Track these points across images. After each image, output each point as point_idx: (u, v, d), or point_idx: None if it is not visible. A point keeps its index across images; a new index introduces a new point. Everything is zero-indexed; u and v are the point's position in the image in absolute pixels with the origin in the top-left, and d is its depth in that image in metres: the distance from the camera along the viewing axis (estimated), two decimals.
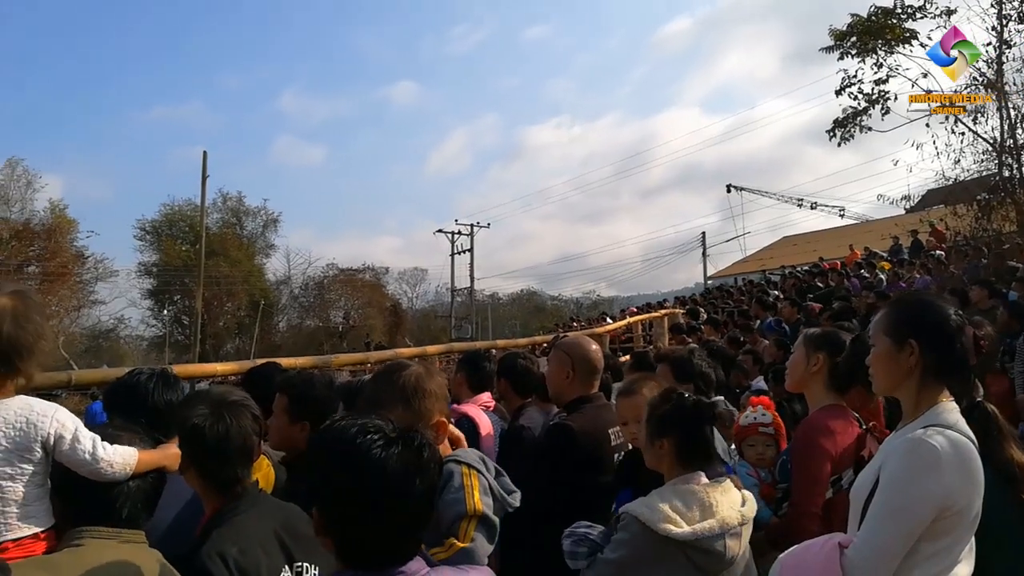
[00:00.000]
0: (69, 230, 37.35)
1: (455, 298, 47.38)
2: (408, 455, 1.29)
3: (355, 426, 1.31)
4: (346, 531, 1.29)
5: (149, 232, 45.14)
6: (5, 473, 1.67)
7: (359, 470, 1.26)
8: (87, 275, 38.99)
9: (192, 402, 1.87)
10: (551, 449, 2.92)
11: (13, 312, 1.75)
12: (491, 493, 1.99)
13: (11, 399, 1.73)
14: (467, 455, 2.02)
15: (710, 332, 10.36)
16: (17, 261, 34.68)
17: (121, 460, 1.67)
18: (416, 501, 1.29)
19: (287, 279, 50.09)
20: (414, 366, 2.06)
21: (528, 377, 3.67)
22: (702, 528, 2.13)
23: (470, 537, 1.86)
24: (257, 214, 48.37)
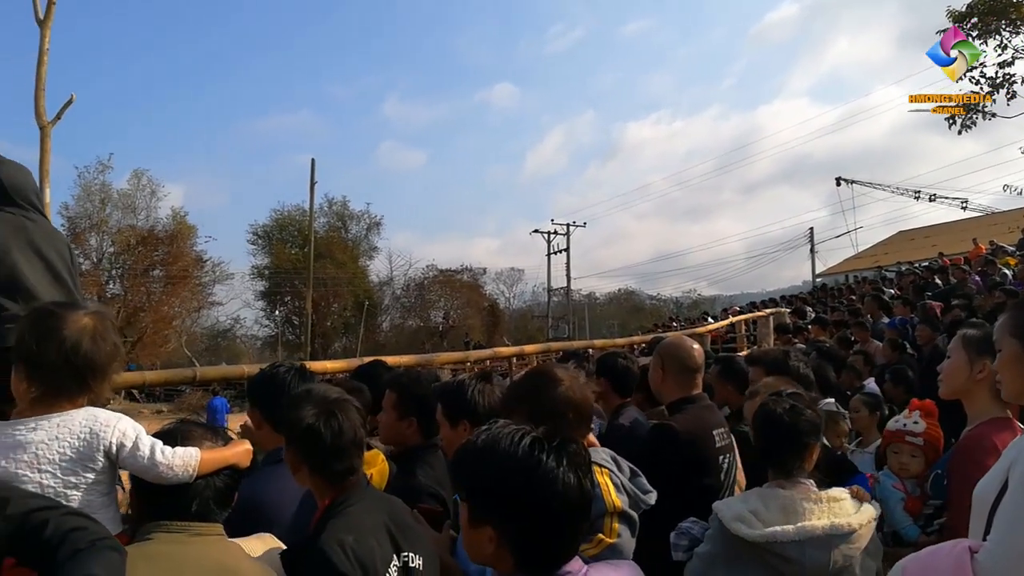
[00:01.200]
0: (189, 236, 39.87)
1: (552, 298, 47.43)
2: (575, 462, 1.36)
3: (515, 437, 1.36)
4: (527, 542, 1.34)
5: (261, 236, 47.36)
6: (70, 483, 1.69)
7: (542, 486, 1.32)
8: (206, 278, 41.47)
9: (299, 403, 1.92)
10: (653, 450, 2.89)
11: (93, 331, 1.77)
12: (624, 490, 2.03)
13: (77, 411, 1.75)
14: (597, 454, 2.06)
15: (818, 332, 9.92)
16: (143, 265, 37.27)
17: (181, 463, 1.68)
18: (587, 503, 1.39)
19: (389, 280, 51.58)
20: (567, 379, 2.10)
21: (628, 376, 3.63)
22: (774, 532, 2.09)
23: (616, 532, 1.93)
24: (361, 218, 50.02)
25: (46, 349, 1.71)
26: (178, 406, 28.16)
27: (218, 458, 1.75)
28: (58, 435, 1.69)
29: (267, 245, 47.13)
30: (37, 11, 7.22)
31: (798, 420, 2.29)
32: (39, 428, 1.69)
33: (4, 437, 1.68)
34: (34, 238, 2.97)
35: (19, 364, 1.75)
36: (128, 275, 37.08)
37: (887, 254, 36.33)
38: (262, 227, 47.40)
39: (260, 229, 47.36)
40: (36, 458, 1.65)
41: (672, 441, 2.79)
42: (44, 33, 7.17)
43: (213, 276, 41.99)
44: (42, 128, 7.03)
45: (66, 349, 1.71)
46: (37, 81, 7.10)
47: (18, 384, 1.74)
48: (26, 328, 1.77)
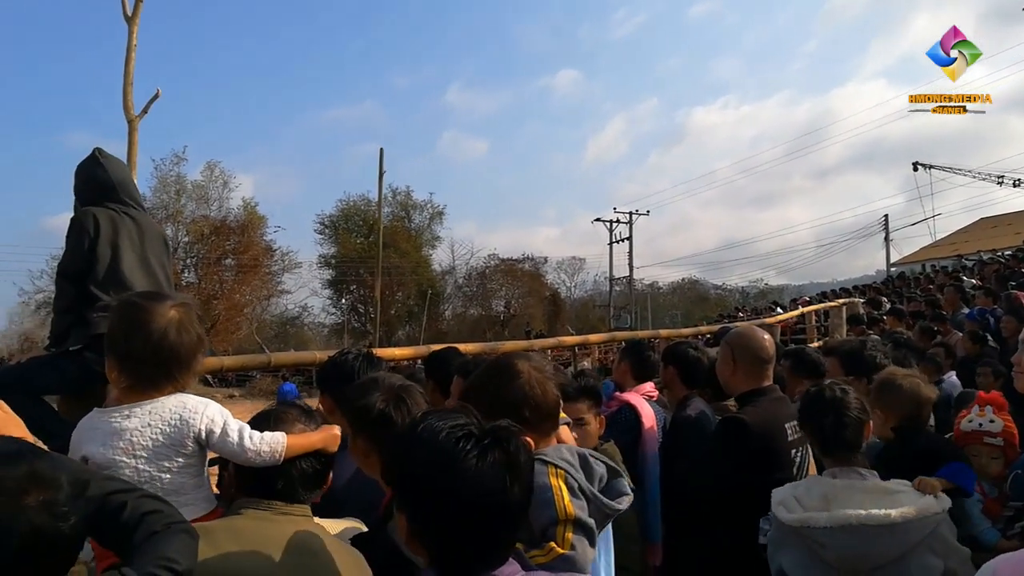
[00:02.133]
0: (259, 226, 41.08)
1: (614, 287, 47.09)
2: (505, 461, 1.25)
3: (447, 429, 1.26)
4: (438, 539, 1.26)
5: (328, 226, 48.25)
6: (163, 467, 1.75)
7: (455, 481, 1.21)
8: (275, 267, 42.61)
9: (366, 391, 1.92)
10: (722, 444, 2.84)
11: (178, 323, 1.81)
12: (583, 494, 1.83)
13: (167, 398, 1.80)
14: (553, 453, 1.86)
15: (894, 323, 9.54)
16: (216, 254, 38.54)
17: (268, 448, 1.72)
18: (512, 507, 1.26)
19: (452, 269, 51.98)
20: (526, 372, 1.90)
21: (698, 367, 3.57)
22: (807, 517, 2.12)
23: (569, 543, 1.70)
24: (424, 207, 50.50)
25: (134, 342, 1.76)
26: (249, 391, 29.10)
27: (305, 442, 1.77)
28: (150, 422, 1.75)
29: (333, 235, 48.03)
30: (125, 8, 7.45)
31: (844, 408, 2.32)
32: (132, 416, 1.76)
33: (101, 424, 1.77)
34: (134, 232, 3.13)
35: (110, 355, 1.81)
36: (202, 264, 38.43)
37: (967, 242, 34.75)
38: (329, 217, 48.37)
39: (327, 219, 48.34)
40: (131, 444, 1.73)
41: (742, 435, 2.74)
42: (132, 29, 7.39)
43: (282, 265, 43.16)
44: (130, 122, 7.26)
45: (153, 342, 1.76)
46: (125, 76, 7.32)
47: (110, 373, 1.81)
48: (115, 321, 1.83)
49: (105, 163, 3.21)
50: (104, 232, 3.01)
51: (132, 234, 3.11)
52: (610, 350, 9.48)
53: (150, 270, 3.15)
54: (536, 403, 1.86)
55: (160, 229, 3.47)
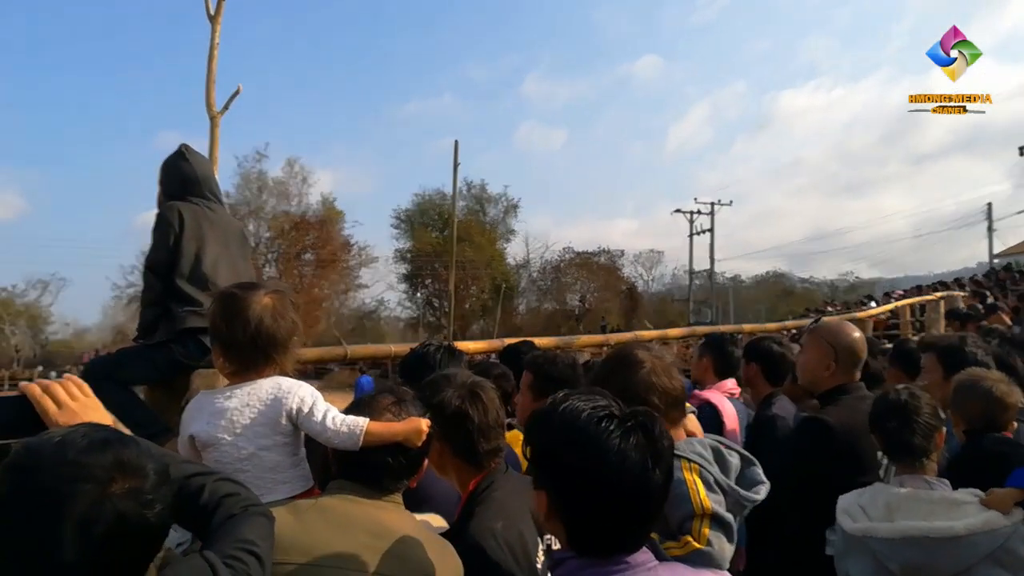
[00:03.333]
0: (337, 221, 42.24)
1: (693, 281, 46.24)
2: (647, 444, 1.25)
3: (589, 409, 1.28)
4: (577, 518, 1.27)
5: (403, 221, 49.07)
6: (262, 444, 1.85)
7: (598, 460, 1.22)
8: (352, 261, 43.77)
9: (441, 387, 1.93)
10: (802, 444, 2.71)
11: (273, 309, 1.91)
12: (720, 488, 1.81)
13: (264, 380, 1.91)
14: (686, 447, 1.85)
15: (996, 319, 9.02)
16: (296, 249, 39.81)
17: (347, 431, 1.75)
18: (653, 491, 1.25)
19: (526, 263, 52.11)
20: (649, 361, 1.92)
21: (783, 364, 3.43)
22: (870, 527, 2.07)
23: (706, 538, 1.69)
24: (498, 201, 50.72)
25: (234, 329, 1.87)
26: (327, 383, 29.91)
27: (385, 431, 1.77)
28: (248, 402, 1.87)
29: (409, 229, 48.82)
30: (208, 7, 7.75)
31: (913, 413, 2.27)
32: (233, 396, 1.88)
33: (206, 404, 1.90)
34: (217, 227, 3.22)
35: (215, 344, 1.94)
36: (282, 259, 39.77)
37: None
38: (404, 211, 49.19)
39: (403, 213, 49.16)
40: (231, 423, 1.85)
41: (823, 436, 2.61)
42: (214, 28, 7.68)
43: (359, 260, 44.33)
44: (212, 118, 7.56)
45: (251, 328, 1.87)
46: (208, 73, 7.61)
47: (216, 360, 1.95)
48: (217, 311, 1.93)
49: (190, 158, 3.31)
50: (189, 226, 3.10)
51: (215, 228, 3.20)
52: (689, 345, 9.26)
53: (233, 263, 3.24)
54: (664, 390, 1.87)
55: (239, 224, 3.57)
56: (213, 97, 7.55)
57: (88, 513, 0.94)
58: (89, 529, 0.94)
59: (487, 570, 1.66)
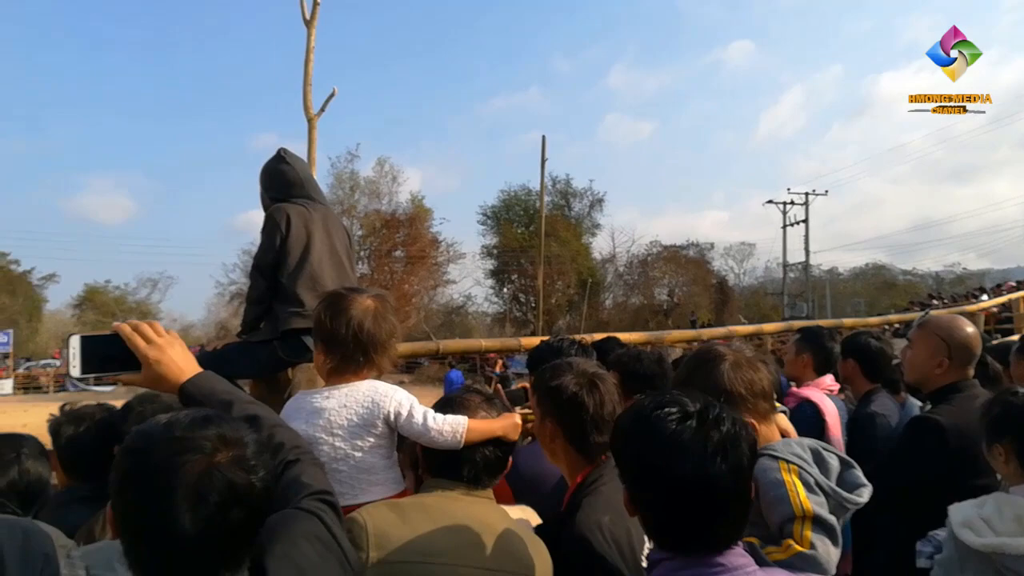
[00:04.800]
0: (426, 218, 42.98)
1: (788, 274, 44.73)
2: (725, 441, 1.25)
3: (652, 401, 1.31)
4: (653, 510, 1.29)
5: (489, 217, 49.33)
6: (356, 445, 1.90)
7: (654, 445, 1.26)
8: (441, 258, 44.41)
9: (560, 373, 1.93)
10: (912, 445, 2.60)
11: (374, 312, 1.98)
12: (821, 490, 1.74)
13: (361, 382, 1.97)
14: (783, 448, 1.79)
15: None
16: (387, 247, 40.82)
17: (450, 429, 1.80)
18: (720, 481, 1.23)
19: (612, 257, 51.55)
20: (730, 355, 1.88)
21: (881, 359, 3.30)
22: (1001, 543, 1.91)
23: (808, 541, 1.64)
24: (584, 195, 50.29)
25: (338, 326, 1.94)
26: (418, 376, 30.62)
27: (485, 428, 1.84)
28: (346, 403, 1.92)
29: (495, 225, 49.10)
30: (304, 12, 8.03)
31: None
32: (331, 397, 1.94)
33: (304, 404, 1.96)
34: (322, 226, 3.37)
35: (317, 340, 2.01)
36: (374, 256, 40.82)
37: None
38: (490, 208, 49.46)
39: (489, 210, 49.43)
40: (329, 423, 1.91)
41: (935, 436, 2.51)
42: (310, 32, 7.95)
43: (447, 256, 44.93)
44: (309, 120, 7.84)
45: (353, 326, 1.94)
46: (305, 77, 7.89)
47: (318, 357, 2.02)
48: (322, 310, 2.00)
49: (290, 161, 3.45)
50: (295, 227, 3.24)
51: (320, 228, 3.33)
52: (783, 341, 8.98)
53: (337, 262, 3.37)
54: (748, 382, 1.83)
55: (343, 223, 3.69)
56: (310, 100, 7.83)
57: (199, 482, 1.01)
58: (202, 497, 1.01)
59: (591, 563, 1.66)
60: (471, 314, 51.25)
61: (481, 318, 51.98)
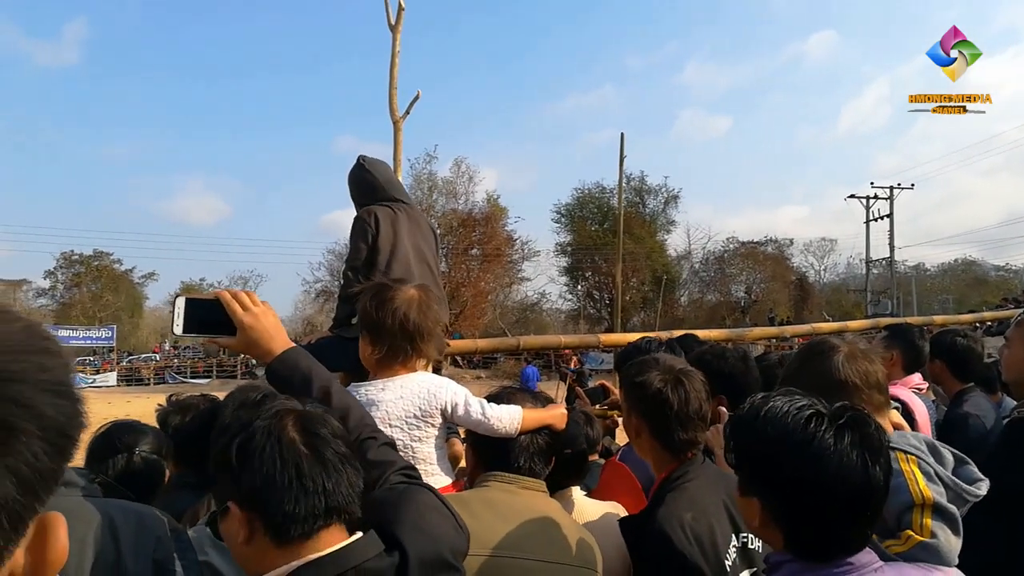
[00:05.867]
0: (501, 217, 43.34)
1: (871, 270, 43.05)
2: (863, 442, 1.22)
3: (795, 411, 1.25)
4: (795, 522, 1.25)
5: (564, 215, 49.30)
6: (415, 436, 1.94)
7: (818, 465, 1.20)
8: (515, 256, 44.76)
9: (646, 368, 1.93)
10: (1011, 448, 2.50)
11: (419, 302, 2.00)
12: (940, 480, 1.68)
13: (414, 374, 2.00)
14: (901, 440, 1.73)
15: None
16: (463, 245, 41.30)
17: (508, 417, 1.84)
18: (874, 490, 1.22)
19: (687, 254, 50.87)
20: (844, 346, 1.82)
21: (970, 358, 3.19)
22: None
23: (928, 530, 1.56)
24: (658, 192, 49.78)
25: (384, 316, 1.96)
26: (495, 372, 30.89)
27: (537, 418, 1.88)
28: (402, 395, 1.95)
29: (569, 223, 49.05)
30: (389, 18, 8.22)
31: None
32: (387, 389, 1.96)
33: (359, 396, 1.94)
34: (409, 226, 3.50)
35: (364, 331, 2.03)
36: (451, 254, 41.38)
37: None
38: (564, 206, 49.42)
39: (563, 207, 49.41)
40: (387, 414, 1.93)
41: None
42: (395, 37, 8.14)
43: (522, 254, 45.24)
44: (395, 123, 8.04)
45: (400, 316, 1.95)
46: (390, 81, 8.10)
47: (365, 348, 2.02)
48: (367, 301, 2.03)
49: (370, 167, 3.60)
50: (384, 228, 3.38)
51: (407, 227, 3.47)
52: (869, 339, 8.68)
53: (423, 259, 3.50)
54: (864, 373, 1.77)
55: (428, 221, 3.81)
56: (395, 103, 8.02)
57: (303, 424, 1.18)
58: (314, 433, 1.17)
59: (671, 559, 1.66)
60: (545, 311, 51.38)
61: (555, 315, 52.02)
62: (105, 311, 53.06)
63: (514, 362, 28.53)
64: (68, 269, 55.28)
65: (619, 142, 29.56)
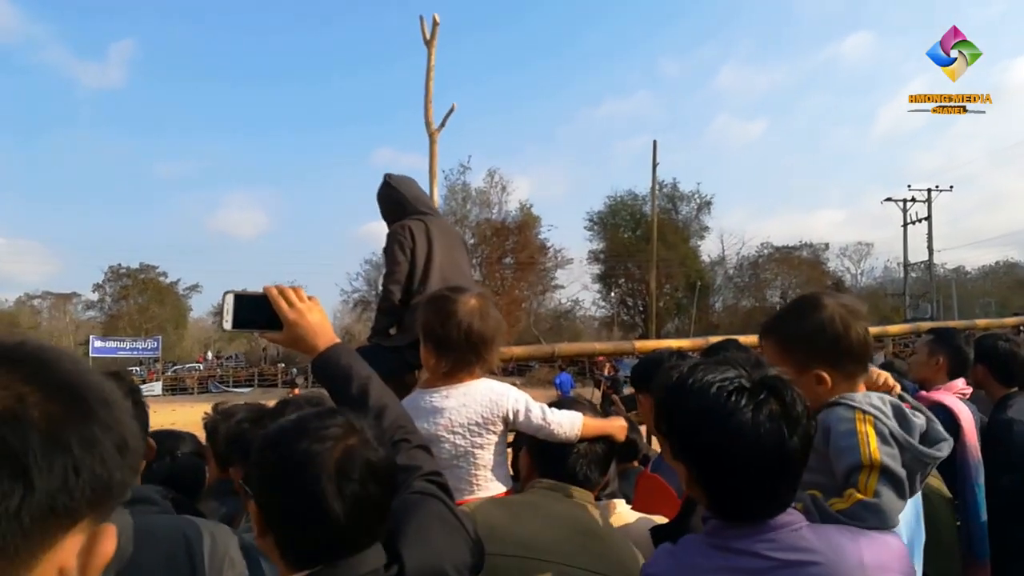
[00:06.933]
0: (534, 225, 43.61)
1: (909, 273, 42.20)
2: (781, 412, 1.25)
3: (719, 382, 1.28)
4: (714, 486, 1.30)
5: (596, 222, 49.32)
6: (476, 443, 1.95)
7: (734, 436, 1.24)
8: (548, 264, 44.91)
9: None
10: None
11: (480, 311, 2.00)
12: (895, 441, 1.63)
13: (476, 381, 2.00)
14: (863, 399, 1.67)
15: None
16: (497, 254, 41.53)
17: (568, 423, 1.86)
18: (791, 458, 1.26)
19: (721, 260, 50.47)
20: (832, 307, 1.73)
21: (1013, 362, 3.14)
22: None
23: (872, 490, 1.53)
24: (691, 198, 49.52)
25: (448, 330, 1.97)
26: (528, 380, 30.85)
27: (598, 426, 1.90)
28: (465, 402, 1.97)
29: (602, 230, 49.04)
30: (424, 33, 8.31)
31: None
32: (450, 396, 1.98)
33: (423, 403, 1.99)
34: (441, 237, 3.58)
35: (427, 344, 2.03)
36: (485, 263, 41.64)
37: None
38: (597, 213, 49.45)
39: (595, 215, 49.45)
40: (450, 421, 1.95)
41: None
42: (430, 52, 8.23)
43: (555, 262, 45.38)
44: (430, 136, 8.11)
45: (464, 328, 1.96)
46: (426, 94, 8.17)
47: (428, 359, 2.04)
48: (430, 313, 2.04)
49: (396, 184, 3.70)
50: (419, 240, 3.46)
51: (440, 238, 3.54)
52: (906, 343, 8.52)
53: (458, 268, 3.57)
54: (836, 338, 1.70)
55: (458, 231, 3.90)
56: (431, 115, 8.10)
57: (341, 464, 1.14)
58: (346, 476, 1.13)
59: None
60: (579, 318, 51.28)
61: (589, 322, 51.92)
62: (151, 323, 54.42)
63: (548, 369, 28.51)
64: (116, 282, 57.02)
65: (651, 149, 29.35)
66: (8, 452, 0.52)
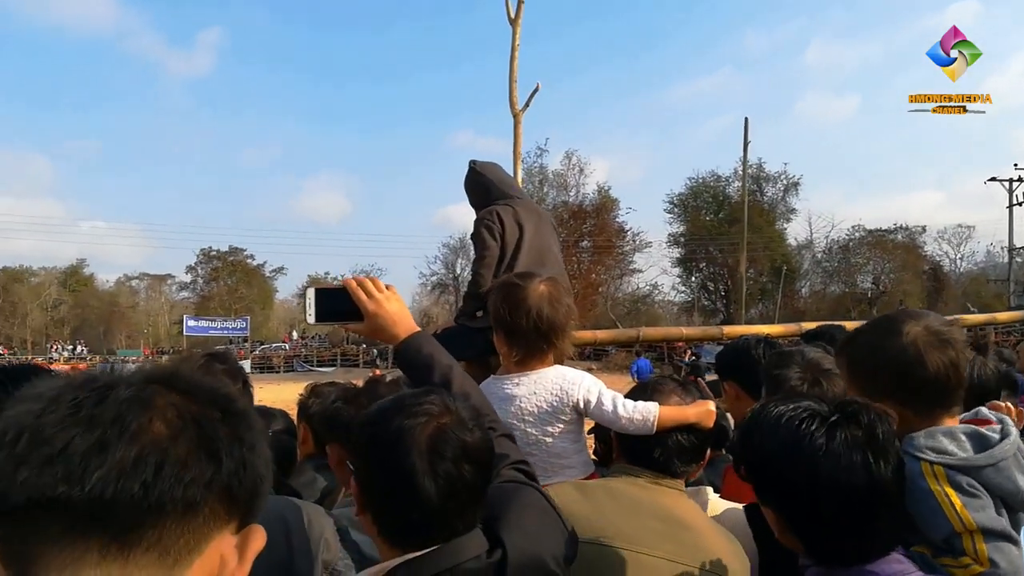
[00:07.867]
0: (612, 208, 43.09)
1: (1014, 258, 39.72)
2: (860, 437, 1.17)
3: (788, 413, 1.22)
4: (804, 528, 1.21)
5: (677, 205, 48.39)
6: (546, 431, 1.93)
7: (806, 464, 1.17)
8: (627, 247, 44.37)
9: (786, 360, 1.90)
10: None
11: (550, 296, 1.97)
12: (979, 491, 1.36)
13: (548, 369, 1.99)
14: (924, 440, 1.40)
15: None
16: (574, 237, 41.29)
17: (640, 416, 1.79)
18: (880, 487, 1.16)
19: (809, 243, 48.73)
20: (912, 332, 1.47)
21: None
22: None
23: (985, 556, 1.32)
24: (777, 179, 47.91)
25: (518, 318, 1.95)
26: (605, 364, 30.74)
27: (677, 415, 1.80)
28: (535, 390, 1.96)
29: (683, 213, 48.11)
30: (509, 11, 8.24)
31: None
32: (521, 384, 1.98)
33: (495, 390, 2.00)
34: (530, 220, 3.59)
35: (498, 332, 2.03)
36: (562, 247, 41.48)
37: None
38: (678, 196, 48.52)
39: (676, 198, 48.51)
40: (520, 409, 1.95)
41: None
42: (515, 30, 8.15)
43: (633, 245, 44.73)
44: (515, 116, 8.04)
45: (533, 316, 1.94)
46: (510, 74, 8.08)
47: (501, 347, 2.05)
48: (499, 301, 2.02)
49: (481, 169, 3.71)
50: (508, 223, 3.47)
51: (529, 221, 3.54)
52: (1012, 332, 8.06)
53: (548, 251, 3.57)
54: (905, 373, 1.45)
55: (546, 213, 3.88)
56: (515, 95, 8.00)
57: (433, 442, 1.15)
58: (438, 455, 1.14)
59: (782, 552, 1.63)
60: (657, 303, 50.58)
61: (667, 307, 51.16)
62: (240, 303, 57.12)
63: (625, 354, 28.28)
64: (207, 264, 60.19)
65: (738, 128, 28.68)
66: (207, 437, 0.65)
